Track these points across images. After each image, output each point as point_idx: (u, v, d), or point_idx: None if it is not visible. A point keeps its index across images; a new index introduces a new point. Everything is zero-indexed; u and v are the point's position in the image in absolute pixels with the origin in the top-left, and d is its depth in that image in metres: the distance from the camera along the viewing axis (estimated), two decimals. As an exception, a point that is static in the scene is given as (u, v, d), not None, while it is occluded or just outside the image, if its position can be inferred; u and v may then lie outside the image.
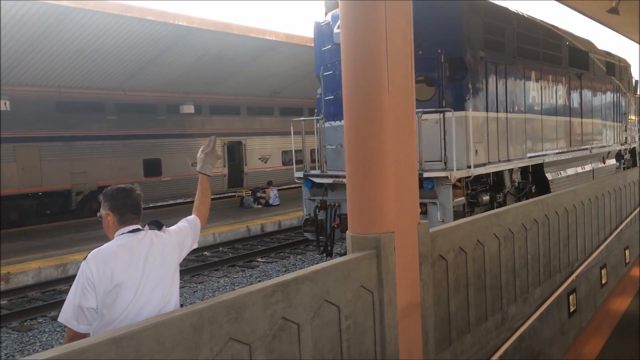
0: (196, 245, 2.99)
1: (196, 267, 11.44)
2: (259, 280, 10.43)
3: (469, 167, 8.45)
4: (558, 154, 11.74)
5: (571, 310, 6.17)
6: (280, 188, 21.67)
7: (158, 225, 2.78)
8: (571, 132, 12.57)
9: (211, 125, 21.76)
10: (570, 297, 6.17)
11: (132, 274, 2.53)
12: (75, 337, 2.40)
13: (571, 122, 12.59)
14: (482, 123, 9.16)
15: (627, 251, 9.13)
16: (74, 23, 14.15)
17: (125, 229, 2.66)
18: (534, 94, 10.90)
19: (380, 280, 3.14)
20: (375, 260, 3.14)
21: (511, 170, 10.00)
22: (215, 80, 20.51)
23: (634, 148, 18.09)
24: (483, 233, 4.42)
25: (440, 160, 8.59)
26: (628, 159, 17.58)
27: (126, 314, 2.48)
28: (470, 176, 8.53)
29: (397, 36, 3.29)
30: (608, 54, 15.20)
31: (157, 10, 15.51)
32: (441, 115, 8.55)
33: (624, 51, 58.83)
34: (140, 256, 2.59)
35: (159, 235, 2.73)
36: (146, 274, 2.57)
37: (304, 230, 10.10)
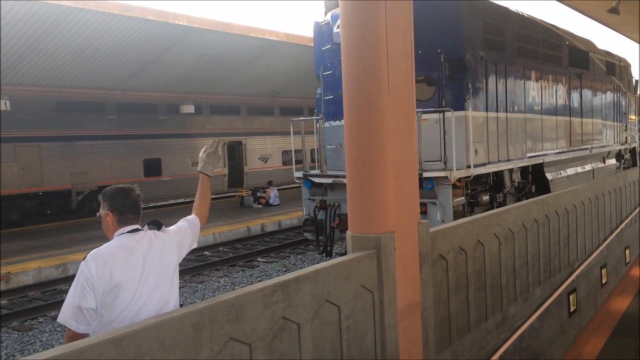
0: (196, 245, 2.99)
1: (196, 267, 11.44)
2: (259, 280, 10.43)
3: (469, 167, 8.45)
4: (558, 153, 11.73)
5: (571, 310, 6.18)
6: (280, 188, 21.67)
7: (157, 225, 2.78)
8: (571, 132, 12.56)
9: (211, 125, 21.76)
10: (571, 297, 6.18)
11: (131, 274, 2.53)
12: (75, 338, 2.40)
13: (571, 122, 12.58)
14: (482, 123, 9.16)
15: (627, 251, 9.14)
16: (74, 23, 14.15)
17: (125, 229, 2.66)
18: (534, 93, 10.89)
19: (381, 280, 3.14)
20: (376, 260, 3.13)
21: (511, 170, 10.00)
22: (215, 80, 20.51)
23: (634, 148, 18.08)
24: (483, 233, 4.42)
25: (440, 160, 8.59)
26: (628, 159, 17.57)
27: (125, 314, 2.48)
28: (470, 176, 8.52)
29: (398, 36, 3.29)
30: (608, 53, 15.19)
31: (157, 10, 15.51)
32: (441, 115, 8.55)
33: (624, 51, 58.84)
34: (140, 256, 2.58)
35: (158, 235, 2.73)
36: (145, 274, 2.56)
37: (304, 230, 10.10)
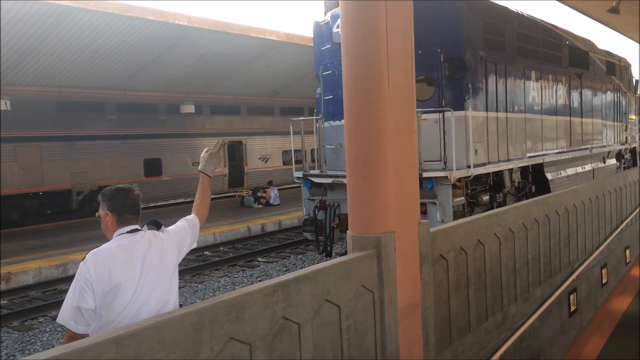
0: (195, 245, 2.98)
1: (197, 267, 11.44)
2: (259, 280, 10.43)
3: (469, 167, 8.44)
4: (558, 153, 11.73)
5: (572, 310, 6.18)
6: (280, 188, 21.66)
7: (157, 225, 2.78)
8: (571, 132, 12.56)
9: (211, 125, 21.76)
10: (571, 297, 6.18)
11: (131, 274, 2.53)
12: (74, 338, 2.39)
13: (571, 122, 12.58)
14: (482, 123, 9.15)
15: (628, 251, 9.14)
16: (74, 23, 14.15)
17: (124, 229, 2.66)
18: (534, 93, 10.89)
19: (381, 280, 3.14)
20: (376, 260, 3.13)
21: (511, 170, 9.99)
22: (215, 80, 20.50)
23: (634, 148, 18.07)
24: (483, 233, 4.42)
25: (440, 160, 8.58)
26: (628, 159, 17.57)
27: (125, 315, 2.47)
28: (469, 176, 8.52)
29: (398, 36, 3.29)
30: (608, 53, 15.18)
31: (158, 10, 15.51)
32: (441, 115, 8.54)
33: (624, 51, 58.83)
34: (139, 257, 2.58)
35: (158, 236, 2.72)
36: (144, 275, 2.56)
37: (303, 230, 10.09)
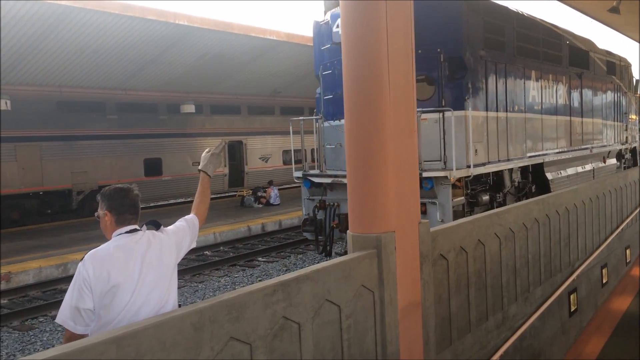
0: (194, 244, 2.98)
1: (197, 267, 11.44)
2: (259, 280, 10.43)
3: (469, 167, 8.44)
4: (558, 153, 11.73)
5: (572, 310, 6.18)
6: (281, 187, 21.67)
7: (156, 225, 2.77)
8: (571, 132, 12.55)
9: (212, 125, 21.77)
10: (571, 297, 6.17)
11: (129, 275, 2.52)
12: (73, 338, 2.39)
13: (571, 122, 12.57)
14: (482, 122, 9.15)
15: (628, 251, 9.14)
16: (74, 22, 14.15)
17: (123, 230, 2.65)
18: (534, 93, 10.88)
19: (381, 279, 3.14)
20: (376, 260, 3.13)
21: (511, 170, 9.99)
22: (216, 79, 20.51)
23: (634, 147, 18.07)
24: (484, 232, 4.42)
25: (440, 160, 8.58)
26: (629, 159, 17.57)
27: (124, 315, 2.47)
28: (469, 176, 8.52)
29: (398, 35, 3.29)
30: (608, 53, 15.17)
31: (158, 9, 15.52)
32: (440, 114, 8.54)
33: (624, 50, 58.82)
34: (138, 257, 2.58)
35: (157, 236, 2.72)
36: (143, 275, 2.56)
37: (303, 230, 10.09)
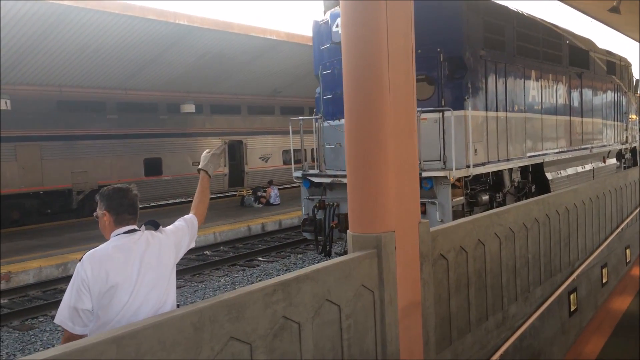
0: (194, 244, 2.97)
1: (197, 267, 11.44)
2: (259, 280, 10.43)
3: (468, 167, 8.43)
4: (558, 153, 11.72)
5: (572, 310, 6.17)
6: (281, 187, 21.67)
7: (155, 225, 2.77)
8: (571, 132, 12.55)
9: (212, 125, 21.76)
10: (571, 297, 6.17)
11: (128, 275, 2.52)
12: (72, 339, 2.39)
13: (571, 122, 12.57)
14: (482, 122, 9.15)
15: (628, 250, 9.14)
16: (74, 22, 14.15)
17: (121, 230, 2.65)
18: (534, 93, 10.88)
19: (381, 279, 3.14)
20: (376, 260, 3.13)
21: (511, 170, 9.98)
22: (216, 79, 20.50)
23: (634, 147, 18.07)
24: (484, 232, 4.42)
25: (439, 160, 8.57)
26: (629, 159, 17.56)
27: (122, 315, 2.47)
28: (469, 176, 8.51)
29: (398, 35, 3.28)
30: (609, 52, 15.17)
31: (158, 9, 15.52)
32: (440, 114, 8.53)
33: (624, 50, 58.83)
34: (136, 257, 2.58)
35: (155, 236, 2.72)
36: (142, 275, 2.56)
37: (303, 230, 10.08)
